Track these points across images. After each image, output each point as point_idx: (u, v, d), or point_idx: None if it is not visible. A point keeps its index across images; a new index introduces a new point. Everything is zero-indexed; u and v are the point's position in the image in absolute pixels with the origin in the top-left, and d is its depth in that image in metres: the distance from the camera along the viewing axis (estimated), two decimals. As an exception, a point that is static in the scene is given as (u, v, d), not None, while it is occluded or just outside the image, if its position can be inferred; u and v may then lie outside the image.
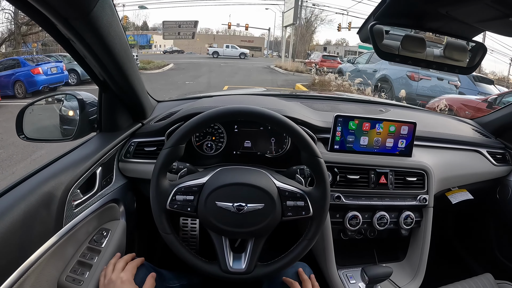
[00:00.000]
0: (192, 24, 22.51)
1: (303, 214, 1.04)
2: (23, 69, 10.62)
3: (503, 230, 2.01)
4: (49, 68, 10.87)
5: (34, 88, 10.36)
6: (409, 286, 1.44)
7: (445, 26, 0.99)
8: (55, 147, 1.19)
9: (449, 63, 1.06)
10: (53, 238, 1.01)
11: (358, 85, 10.26)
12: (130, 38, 28.83)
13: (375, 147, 1.47)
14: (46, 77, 10.70)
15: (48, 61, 11.57)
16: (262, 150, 1.51)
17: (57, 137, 1.39)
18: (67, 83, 11.50)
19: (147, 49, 37.35)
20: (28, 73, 10.48)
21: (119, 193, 1.39)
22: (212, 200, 1.00)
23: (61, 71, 11.25)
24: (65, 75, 11.41)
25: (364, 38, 1.06)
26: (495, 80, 12.75)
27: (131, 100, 1.37)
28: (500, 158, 1.85)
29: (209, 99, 1.61)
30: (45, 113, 1.48)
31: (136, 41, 30.30)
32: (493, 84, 10.73)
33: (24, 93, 10.43)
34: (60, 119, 1.41)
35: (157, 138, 1.42)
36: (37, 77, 10.49)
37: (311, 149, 1.03)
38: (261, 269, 1.05)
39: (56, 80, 11.06)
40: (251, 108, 1.03)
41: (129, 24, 31.67)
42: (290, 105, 1.57)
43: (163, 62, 20.66)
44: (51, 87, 10.66)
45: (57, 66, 11.16)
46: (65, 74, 11.41)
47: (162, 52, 38.09)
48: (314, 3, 34.59)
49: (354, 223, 1.42)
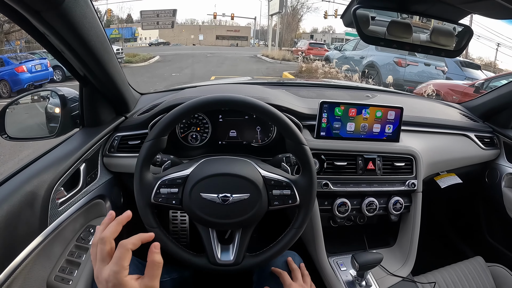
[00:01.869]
0: (171, 13, 22.11)
1: (290, 203, 1.03)
2: (7, 68, 10.42)
3: (492, 214, 2.03)
4: (33, 65, 10.71)
5: (19, 87, 10.18)
6: (400, 271, 1.44)
7: (431, 9, 0.98)
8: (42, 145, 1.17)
9: (435, 47, 1.06)
10: (39, 238, 0.99)
11: (346, 72, 10.31)
12: (115, 31, 28.45)
13: (362, 133, 1.46)
14: (30, 75, 10.54)
15: (32, 58, 11.39)
16: (248, 140, 1.49)
17: (39, 135, 1.35)
18: (52, 80, 11.36)
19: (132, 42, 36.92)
20: (12, 71, 10.30)
21: (104, 189, 1.37)
22: (196, 191, 0.98)
23: (45, 68, 11.08)
24: (50, 72, 11.26)
25: (348, 23, 1.04)
26: (482, 66, 12.85)
27: (113, 94, 1.34)
28: (488, 141, 1.86)
29: (193, 89, 1.59)
30: (30, 112, 1.45)
31: (121, 34, 29.91)
32: (480, 69, 10.81)
33: (9, 92, 10.24)
34: (46, 116, 1.38)
35: (141, 131, 1.40)
36: (22, 75, 10.32)
37: (295, 136, 1.02)
38: (250, 260, 1.04)
39: (41, 77, 10.92)
40: (233, 97, 1.02)
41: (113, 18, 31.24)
42: (275, 92, 1.55)
43: (149, 55, 20.47)
44: (36, 84, 10.50)
45: (41, 63, 11.00)
46: (50, 71, 11.26)
47: (148, 44, 37.67)
48: (299, -9, 34.50)
49: (343, 210, 1.41)
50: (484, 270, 1.52)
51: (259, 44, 43.71)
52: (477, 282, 1.48)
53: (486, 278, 1.50)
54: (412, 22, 1.04)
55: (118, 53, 15.88)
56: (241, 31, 49.25)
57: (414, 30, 1.04)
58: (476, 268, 1.53)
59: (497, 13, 0.88)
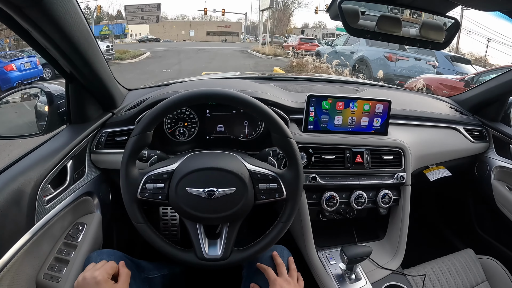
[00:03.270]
0: (155, 7, 21.98)
1: (277, 197, 1.03)
2: (-5, 67, 10.28)
3: (482, 206, 2.05)
4: (22, 63, 10.53)
5: (8, 85, 9.99)
6: (390, 264, 1.45)
7: (418, 1, 0.98)
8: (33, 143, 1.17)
9: (423, 39, 1.06)
10: (26, 236, 0.98)
11: (336, 66, 10.32)
12: (105, 28, 28.23)
13: (350, 126, 1.46)
14: (20, 73, 10.36)
15: (21, 56, 11.19)
16: (236, 134, 1.49)
17: (26, 133, 1.33)
18: (42, 78, 11.21)
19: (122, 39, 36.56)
20: (1, 70, 10.10)
21: (92, 186, 1.36)
22: (182, 186, 0.98)
23: (35, 66, 10.92)
24: (40, 70, 11.12)
25: (334, 15, 1.04)
26: (472, 60, 12.94)
27: (99, 90, 1.33)
28: (477, 135, 1.87)
29: (179, 84, 1.58)
30: (19, 110, 1.45)
31: (111, 31, 29.63)
32: (471, 64, 10.89)
33: (-1, 91, 10.08)
34: (36, 114, 1.37)
35: (128, 127, 1.39)
36: (11, 73, 10.14)
37: (281, 130, 1.02)
38: (238, 255, 1.04)
39: (30, 75, 10.77)
40: (217, 91, 1.01)
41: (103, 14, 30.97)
42: (262, 87, 1.55)
43: (139, 51, 20.26)
44: (25, 83, 10.34)
45: (30, 61, 10.83)
46: (40, 69, 11.10)
47: (137, 41, 37.32)
48: (291, -14, 34.47)
49: (331, 204, 1.41)
50: (474, 262, 1.54)
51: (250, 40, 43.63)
52: (467, 274, 1.49)
53: (476, 270, 1.51)
54: (402, 17, 1.04)
55: (108, 49, 15.76)
56: (232, 27, 49.08)
57: (404, 24, 1.04)
58: (466, 260, 1.54)
59: (484, 4, 0.88)
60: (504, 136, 1.82)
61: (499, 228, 1.93)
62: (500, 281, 1.49)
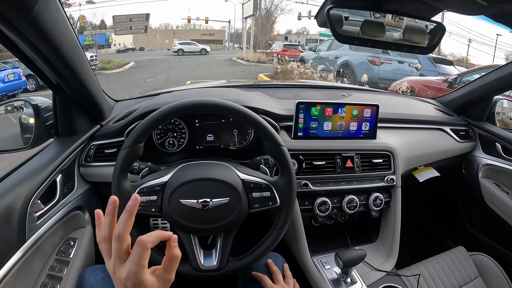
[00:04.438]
0: (144, 17, 21.85)
1: (270, 205, 1.03)
2: (-22, 79, 10.10)
3: (471, 204, 2.08)
4: (5, 75, 10.34)
5: (-9, 97, 9.86)
6: (384, 266, 1.45)
7: (404, 7, 0.99)
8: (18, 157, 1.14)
9: (409, 44, 1.07)
10: (18, 254, 0.96)
11: (321, 72, 10.36)
12: (88, 38, 27.96)
13: (339, 131, 1.47)
14: (3, 84, 10.17)
15: (4, 67, 10.99)
16: (226, 143, 1.49)
17: (12, 147, 1.31)
18: (26, 90, 11.05)
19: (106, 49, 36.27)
20: (-17, 82, 9.99)
21: (82, 200, 1.34)
22: (176, 198, 0.97)
23: (18, 77, 10.76)
24: (23, 81, 10.96)
25: (322, 23, 1.04)
26: (454, 61, 13.14)
27: (87, 102, 1.31)
28: (464, 134, 1.90)
29: (168, 95, 1.57)
30: (3, 123, 1.43)
31: (95, 41, 29.42)
32: (453, 65, 11.03)
33: (-18, 104, 9.87)
34: (21, 127, 1.35)
35: (117, 139, 1.37)
36: (-6, 85, 10.01)
37: (273, 138, 1.03)
38: (233, 264, 1.04)
39: (14, 87, 10.59)
40: (209, 101, 1.01)
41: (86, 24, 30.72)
42: (251, 95, 1.55)
43: (124, 61, 20.14)
44: (9, 94, 10.19)
45: (14, 72, 10.65)
46: (23, 80, 10.95)
47: (116, 51, 36.89)
48: (273, -7, 34.68)
49: (323, 209, 1.41)
50: (466, 259, 1.56)
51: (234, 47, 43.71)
52: (460, 271, 1.51)
53: (469, 267, 1.53)
54: (385, 21, 1.06)
55: (92, 60, 15.61)
56: (215, 35, 49.15)
57: (387, 28, 1.05)
58: (458, 257, 1.56)
59: (469, 9, 0.90)
60: (489, 134, 1.86)
61: (489, 225, 1.97)
62: (493, 276, 1.51)
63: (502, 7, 0.74)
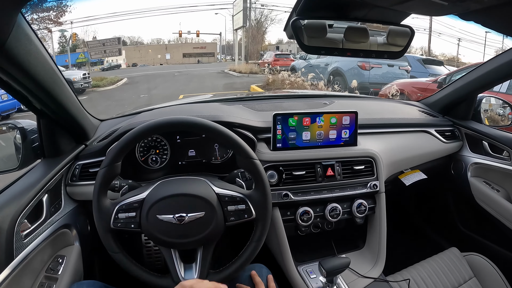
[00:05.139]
0: (116, 41, 22.70)
1: (246, 217, 1.05)
2: (-28, 100, 10.07)
3: (462, 204, 2.08)
4: (-1, 95, 10.39)
5: (-15, 118, 9.82)
6: (371, 272, 1.46)
7: (370, 14, 0.99)
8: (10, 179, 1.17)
9: (381, 50, 1.08)
10: (6, 271, 0.99)
11: (311, 80, 10.38)
12: (81, 55, 28.01)
13: (318, 140, 1.48)
14: (-4, 105, 10.21)
15: (-3, 88, 11.03)
16: (207, 158, 1.51)
17: (1, 169, 1.34)
18: (20, 109, 11.01)
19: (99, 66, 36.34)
20: (-23, 103, 9.96)
21: (70, 218, 1.36)
22: (153, 214, 1.00)
23: (12, 98, 10.75)
24: (17, 101, 10.93)
25: (290, 35, 1.05)
26: (445, 61, 13.22)
27: (69, 123, 1.35)
28: (450, 135, 1.91)
29: (148, 113, 1.60)
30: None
31: (87, 58, 29.49)
32: (443, 65, 11.03)
33: (-24, 125, 9.82)
34: (16, 147, 1.37)
35: (101, 158, 1.39)
36: (-12, 106, 9.99)
37: (244, 151, 1.05)
38: (214, 277, 1.05)
39: (7, 107, 10.52)
40: (179, 119, 1.04)
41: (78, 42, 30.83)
42: (229, 109, 1.57)
43: (116, 78, 20.07)
44: (3, 115, 10.17)
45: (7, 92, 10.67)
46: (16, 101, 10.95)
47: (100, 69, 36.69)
48: (262, 4, 34.76)
49: (306, 219, 1.42)
50: (459, 260, 1.55)
51: (226, 59, 43.87)
52: (453, 272, 1.51)
53: (463, 268, 1.53)
54: (369, 26, 1.06)
55: (85, 77, 15.54)
56: (207, 48, 49.19)
57: (371, 33, 1.06)
58: (451, 259, 1.56)
59: (432, 10, 0.90)
60: (476, 133, 1.86)
61: (481, 224, 1.97)
62: (488, 276, 1.51)
63: (465, 6, 0.74)
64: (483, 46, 25.31)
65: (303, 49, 1.05)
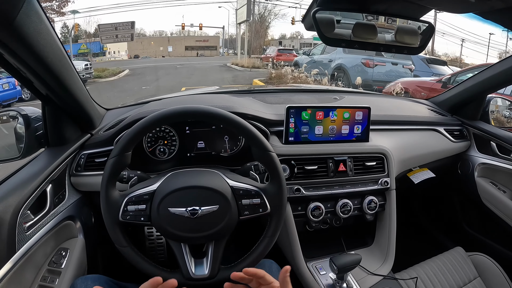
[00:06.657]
0: (129, 25, 21.81)
1: (261, 212, 1.02)
2: (-27, 89, 10.03)
3: (468, 204, 2.07)
4: (0, 84, 10.35)
5: (-14, 107, 9.79)
6: (380, 270, 1.45)
7: (392, 7, 0.98)
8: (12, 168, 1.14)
9: (398, 45, 1.06)
10: (8, 265, 0.95)
11: (315, 76, 10.36)
12: (83, 46, 27.93)
13: (331, 135, 1.46)
14: (-2, 94, 10.17)
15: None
16: (217, 150, 1.48)
17: (4, 157, 1.31)
18: (21, 99, 10.97)
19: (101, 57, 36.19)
20: (-22, 92, 9.93)
21: (74, 209, 1.33)
22: (164, 206, 0.96)
23: (13, 87, 10.64)
24: (18, 91, 10.84)
25: (309, 26, 1.03)
26: (448, 61, 13.18)
27: (76, 111, 1.30)
28: (458, 134, 1.90)
29: (157, 102, 1.57)
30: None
31: (89, 49, 29.35)
32: (446, 65, 11.04)
33: (-23, 114, 9.80)
34: (16, 137, 1.33)
35: (107, 148, 1.36)
36: (-12, 95, 9.94)
37: (261, 143, 1.01)
38: (225, 272, 1.02)
39: (9, 96, 10.50)
40: (195, 108, 1.00)
41: (81, 32, 30.67)
42: (241, 101, 1.55)
43: (118, 69, 19.99)
44: (4, 104, 10.12)
45: (8, 81, 10.53)
46: (18, 90, 10.83)
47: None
48: (266, -2, 34.74)
49: (317, 214, 1.41)
50: (465, 259, 1.55)
51: (228, 53, 43.76)
52: (459, 272, 1.50)
53: (467, 267, 1.52)
54: (376, 24, 1.05)
55: (87, 68, 15.51)
56: (210, 41, 49.10)
57: (379, 31, 1.04)
58: (456, 258, 1.55)
59: (457, 7, 0.89)
60: (484, 133, 1.85)
61: (487, 224, 1.96)
62: (492, 276, 1.49)
63: (491, 4, 0.73)
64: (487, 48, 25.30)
65: (323, 40, 1.03)
